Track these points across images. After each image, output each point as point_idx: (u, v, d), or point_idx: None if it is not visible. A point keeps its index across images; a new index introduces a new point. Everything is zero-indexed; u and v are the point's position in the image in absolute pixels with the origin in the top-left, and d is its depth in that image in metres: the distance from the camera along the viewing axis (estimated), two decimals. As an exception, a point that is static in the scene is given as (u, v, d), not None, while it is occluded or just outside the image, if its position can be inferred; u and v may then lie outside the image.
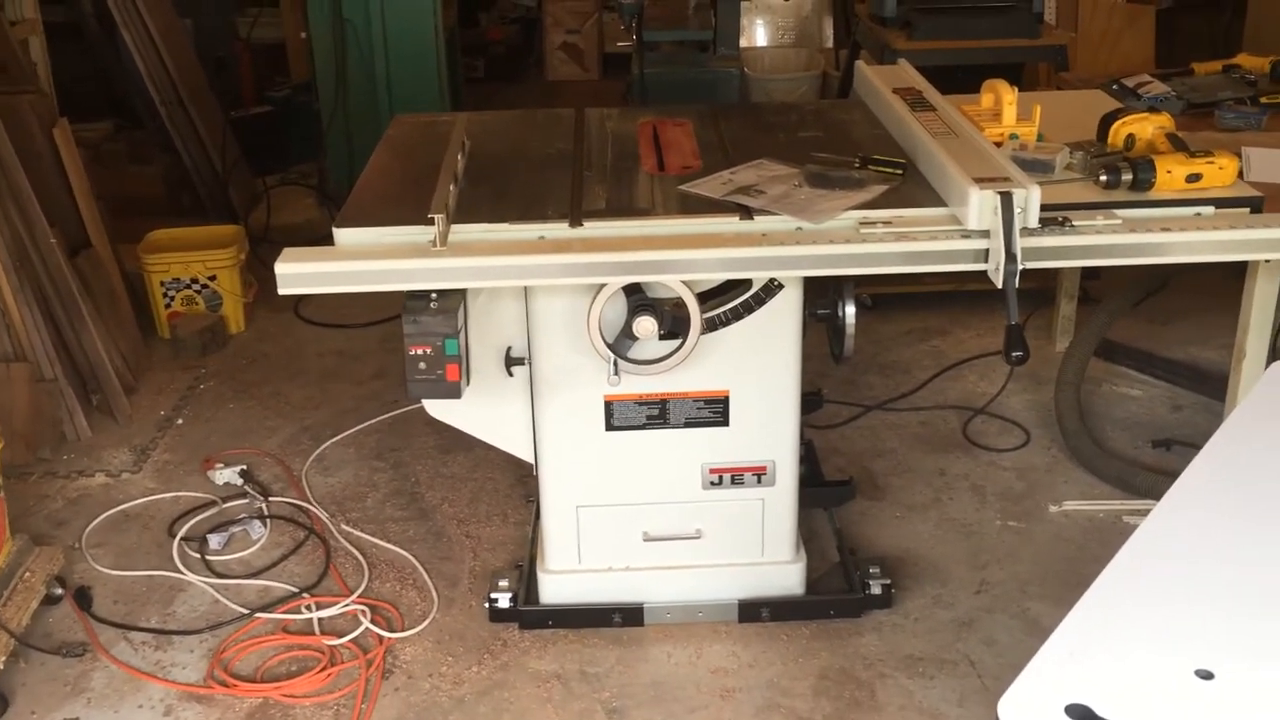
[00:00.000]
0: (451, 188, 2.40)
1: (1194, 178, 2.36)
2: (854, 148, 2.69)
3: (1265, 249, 2.28)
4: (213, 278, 4.34)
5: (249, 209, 5.40)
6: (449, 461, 3.56)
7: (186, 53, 5.50)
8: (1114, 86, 3.57)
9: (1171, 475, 3.41)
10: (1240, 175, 2.46)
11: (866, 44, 4.67)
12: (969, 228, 2.25)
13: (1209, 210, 2.36)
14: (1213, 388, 3.82)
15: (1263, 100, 3.38)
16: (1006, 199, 2.19)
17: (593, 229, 2.34)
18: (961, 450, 3.58)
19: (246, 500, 3.38)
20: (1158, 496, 3.24)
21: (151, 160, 5.64)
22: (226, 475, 3.46)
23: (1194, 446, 3.56)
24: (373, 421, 3.80)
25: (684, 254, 2.26)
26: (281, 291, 2.28)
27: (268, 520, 3.29)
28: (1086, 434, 3.49)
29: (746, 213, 2.37)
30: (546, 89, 7.80)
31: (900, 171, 2.51)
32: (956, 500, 3.33)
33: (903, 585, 2.92)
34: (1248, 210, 2.36)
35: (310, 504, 3.37)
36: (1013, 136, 2.63)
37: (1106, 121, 2.58)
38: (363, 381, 4.07)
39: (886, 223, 2.32)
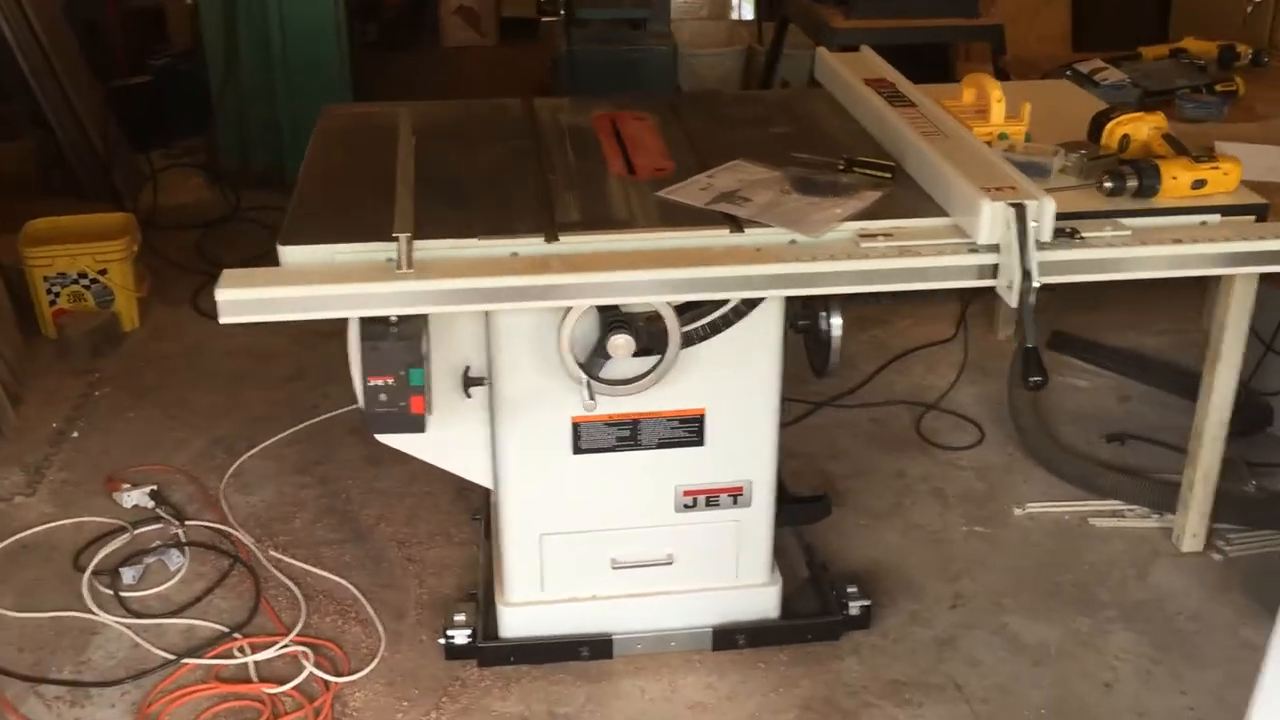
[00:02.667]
0: (411, 198, 2.15)
1: (1199, 184, 2.26)
2: (832, 146, 2.52)
3: (1276, 261, 2.18)
4: (103, 271, 3.97)
5: (134, 190, 4.99)
6: (380, 474, 3.31)
7: (55, 16, 5.04)
8: (1067, 73, 3.47)
9: (1132, 474, 3.42)
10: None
11: (797, 20, 4.51)
12: (979, 242, 2.10)
13: (1214, 218, 2.25)
14: (1159, 378, 3.79)
15: (1218, 89, 3.32)
16: (1020, 212, 2.05)
17: (570, 244, 2.12)
18: (917, 449, 3.47)
19: (160, 525, 3.08)
20: (1122, 497, 3.23)
21: (19, 136, 5.19)
22: (135, 497, 3.15)
23: (1147, 440, 3.56)
24: (291, 431, 3.52)
25: (676, 273, 2.06)
26: (223, 322, 2.01)
27: (186, 548, 3.00)
28: (1045, 432, 3.41)
29: (735, 224, 2.18)
30: (443, 56, 7.46)
31: (890, 175, 2.35)
32: (919, 505, 3.22)
33: (877, 601, 2.80)
34: (1253, 218, 2.26)
35: (232, 528, 3.09)
36: (1001, 136, 2.49)
37: (1099, 121, 2.45)
38: (275, 384, 3.77)
39: (887, 235, 2.16)
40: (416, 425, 2.15)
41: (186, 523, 3.09)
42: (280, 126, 5.12)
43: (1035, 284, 2.05)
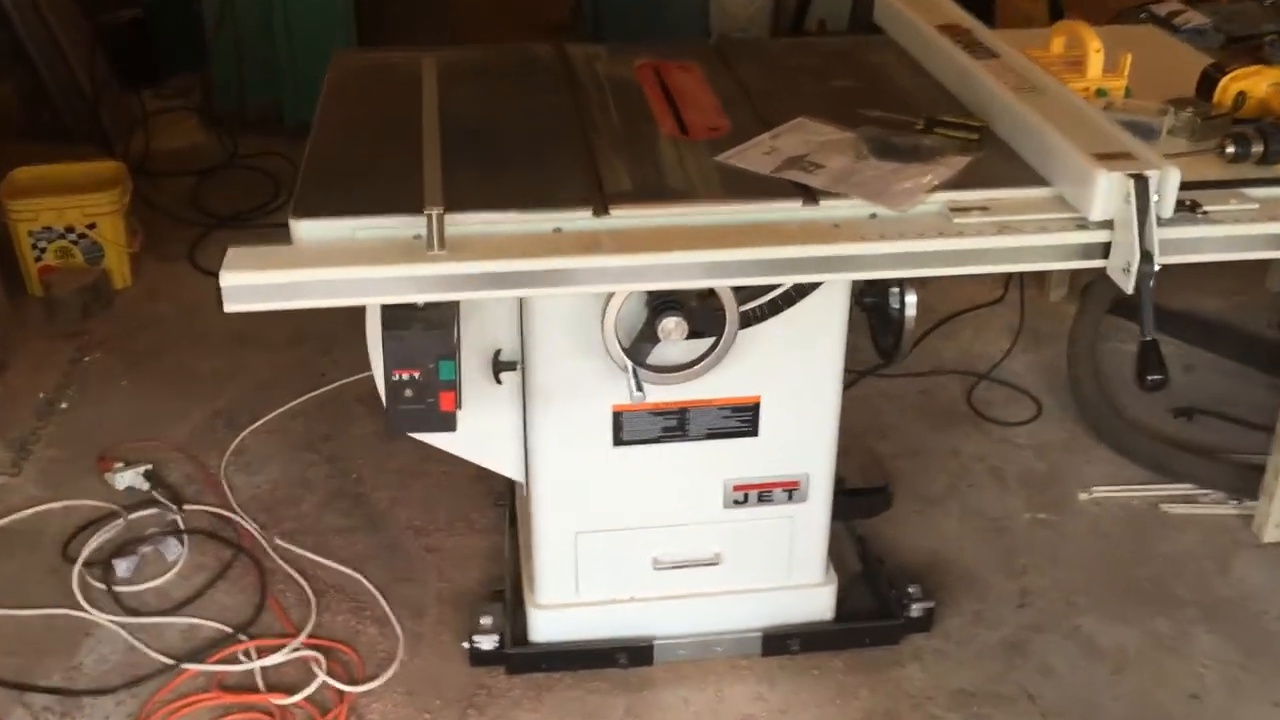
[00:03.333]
0: (439, 166, 1.87)
1: (1332, 150, 1.98)
2: (906, 102, 2.24)
3: None
4: (92, 226, 3.69)
5: (124, 134, 4.68)
6: (394, 452, 3.06)
7: (37, -54, 4.70)
8: (1141, 15, 3.18)
9: (1203, 453, 3.19)
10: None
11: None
12: (1090, 218, 1.83)
13: (1348, 189, 1.98)
14: (1223, 345, 3.54)
15: (1310, 34, 3.03)
16: (1141, 184, 1.78)
17: (622, 218, 1.85)
18: (970, 425, 3.23)
19: (156, 510, 2.84)
20: (1197, 481, 2.98)
21: (2, 74, 4.86)
22: (128, 478, 2.90)
23: (1215, 415, 3.31)
24: (298, 401, 3.27)
25: (745, 253, 1.79)
26: (229, 310, 1.75)
27: (184, 536, 2.76)
28: (1110, 407, 3.17)
29: (808, 195, 1.91)
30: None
31: (978, 137, 2.08)
32: (977, 488, 2.98)
33: (937, 599, 2.57)
34: (1390, 189, 1.99)
35: (234, 513, 2.85)
36: (1100, 92, 2.21)
37: (1211, 76, 2.17)
38: (280, 348, 3.50)
39: (982, 208, 1.89)
40: (446, 424, 1.89)
41: (185, 507, 2.85)
42: (279, 64, 4.79)
43: (1156, 266, 1.79)
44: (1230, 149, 1.99)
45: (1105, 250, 1.85)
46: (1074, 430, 3.20)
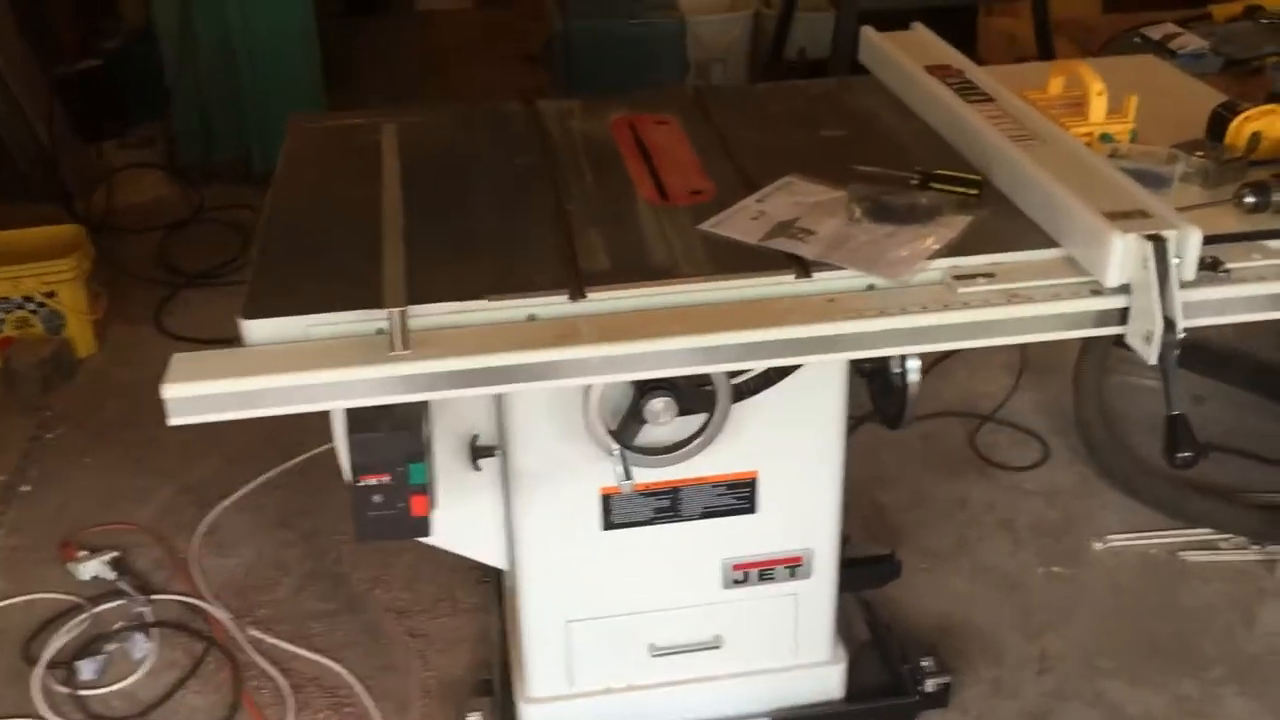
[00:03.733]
0: (401, 253, 1.73)
1: (1356, 196, 1.86)
2: (898, 153, 2.11)
3: None
4: (51, 294, 3.54)
5: (86, 189, 4.53)
6: (374, 526, 2.91)
7: (-11, -6, 4.56)
8: (1136, 39, 3.06)
9: (1220, 494, 3.05)
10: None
11: (811, -21, 4.07)
12: (1106, 284, 1.70)
13: (1375, 237, 1.86)
14: (1233, 374, 3.42)
15: (1311, 55, 2.91)
16: (1160, 248, 1.64)
17: (600, 301, 1.71)
18: (976, 471, 3.10)
19: (123, 601, 2.69)
20: (1215, 525, 2.85)
21: (-44, 130, 4.71)
22: (93, 567, 2.76)
23: (1228, 451, 3.19)
24: (272, 474, 3.12)
25: (736, 337, 1.66)
26: (173, 424, 1.61)
27: (152, 630, 2.61)
28: (1120, 449, 3.04)
29: (800, 265, 1.77)
30: (416, 21, 6.94)
31: (977, 193, 1.94)
32: (987, 541, 2.85)
33: (951, 666, 2.43)
34: None
35: (205, 601, 2.70)
36: (1104, 138, 2.08)
37: (1222, 116, 2.04)
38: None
39: (988, 275, 1.75)
40: (419, 530, 1.75)
41: (153, 596, 2.70)
42: (244, 111, 4.66)
43: (1180, 334, 1.66)
44: (1249, 199, 1.86)
45: (1123, 316, 1.72)
46: (1084, 473, 3.07)
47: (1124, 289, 1.70)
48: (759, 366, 1.87)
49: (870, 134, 2.25)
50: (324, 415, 1.78)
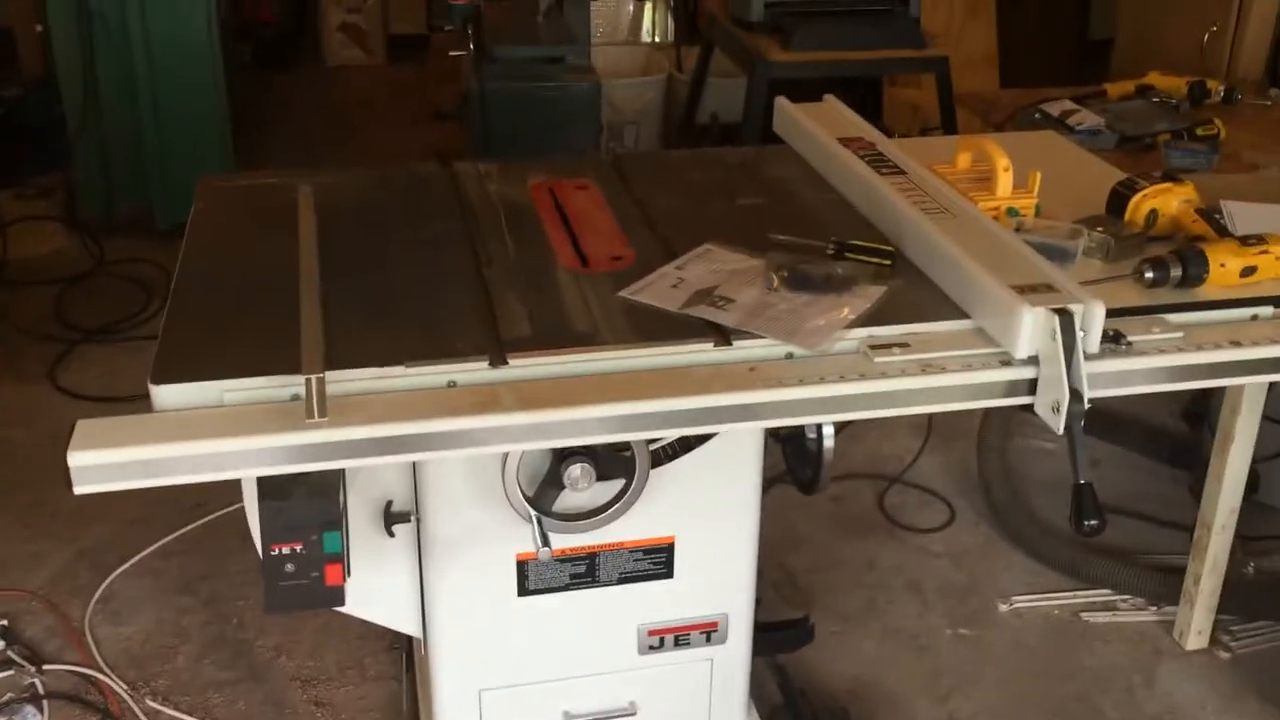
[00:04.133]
0: (319, 321, 1.71)
1: (1249, 271, 1.94)
2: (814, 223, 2.15)
3: (1348, 365, 1.88)
4: (-61, 350, 3.41)
5: (-21, 242, 4.40)
6: (279, 591, 2.83)
7: (-117, 44, 4.43)
8: (1035, 114, 3.18)
9: (1118, 555, 3.13)
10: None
11: (724, 47, 4.15)
12: (1016, 356, 1.75)
13: (1266, 311, 1.94)
14: (1127, 439, 3.53)
15: (1199, 133, 3.05)
16: (1066, 320, 1.70)
17: (521, 367, 1.70)
18: (884, 533, 3.14)
19: (12, 672, 2.58)
20: (1115, 587, 2.93)
21: None
22: (-19, 636, 2.64)
23: (1125, 514, 3.28)
24: (171, 537, 3.04)
25: (658, 404, 1.66)
26: (79, 492, 1.55)
27: (44, 702, 2.50)
28: (1023, 512, 3.11)
29: (720, 334, 1.79)
30: (326, 76, 6.92)
31: (890, 263, 1.99)
32: (896, 603, 2.88)
33: (863, 731, 2.45)
34: (1307, 310, 1.96)
35: (100, 671, 2.60)
36: (1011, 212, 2.15)
37: (1121, 193, 2.13)
38: (151, 477, 3.25)
39: (902, 344, 1.79)
40: (333, 599, 1.71)
41: (45, 667, 2.60)
42: (147, 164, 4.57)
43: (1086, 404, 1.71)
44: (1149, 274, 1.93)
45: (1032, 386, 1.77)
46: (989, 534, 3.14)
47: (1033, 360, 1.75)
48: (678, 434, 1.87)
49: (786, 203, 2.29)
50: (226, 483, 1.74)
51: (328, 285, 1.84)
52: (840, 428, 3.51)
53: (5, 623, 2.68)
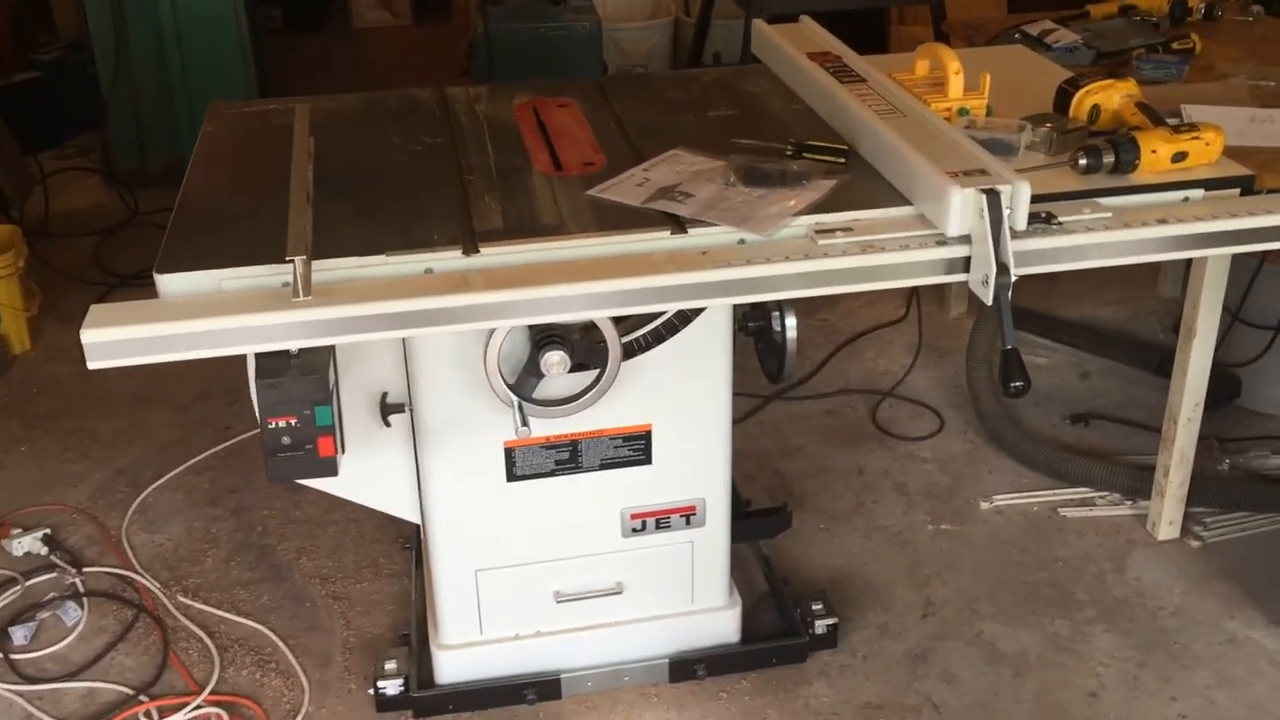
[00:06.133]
0: (307, 211, 1.88)
1: (1180, 156, 2.06)
2: (778, 129, 2.29)
3: (1270, 238, 1.99)
4: (-14, 291, 3.64)
5: (23, 195, 4.62)
6: (300, 502, 3.04)
7: (-72, 10, 4.66)
8: (1016, 36, 3.27)
9: (1098, 456, 3.25)
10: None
11: (725, -13, 4.26)
12: (948, 234, 1.88)
13: (1197, 194, 2.06)
14: (1117, 351, 3.64)
15: (1174, 47, 3.14)
16: (994, 199, 1.83)
17: (492, 255, 1.87)
18: (875, 442, 3.28)
19: (55, 574, 2.79)
20: (1093, 484, 3.05)
21: (-108, 141, 4.79)
22: (26, 543, 2.86)
23: (1111, 419, 3.39)
24: (202, 456, 3.24)
25: (614, 284, 1.82)
26: (92, 367, 1.73)
27: (84, 599, 2.72)
28: (1006, 417, 3.23)
29: (677, 224, 1.94)
30: (354, 39, 7.09)
31: (844, 160, 2.13)
32: (881, 503, 3.03)
33: (843, 614, 2.60)
34: (1238, 192, 2.07)
35: (135, 572, 2.81)
36: (962, 112, 2.28)
37: (1065, 90, 2.24)
38: (184, 404, 3.47)
39: (846, 229, 1.93)
40: (327, 469, 1.89)
41: (84, 570, 2.80)
42: (178, 121, 4.78)
43: (1012, 278, 1.84)
44: (1083, 161, 2.05)
45: (966, 264, 1.90)
46: (976, 441, 3.26)
47: (965, 239, 1.89)
48: (638, 311, 2.01)
49: (755, 114, 2.43)
50: (251, 403, 1.89)
51: (319, 190, 2.02)
52: (837, 348, 3.65)
53: (48, 531, 2.90)
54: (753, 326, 2.37)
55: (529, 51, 3.64)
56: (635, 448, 2.29)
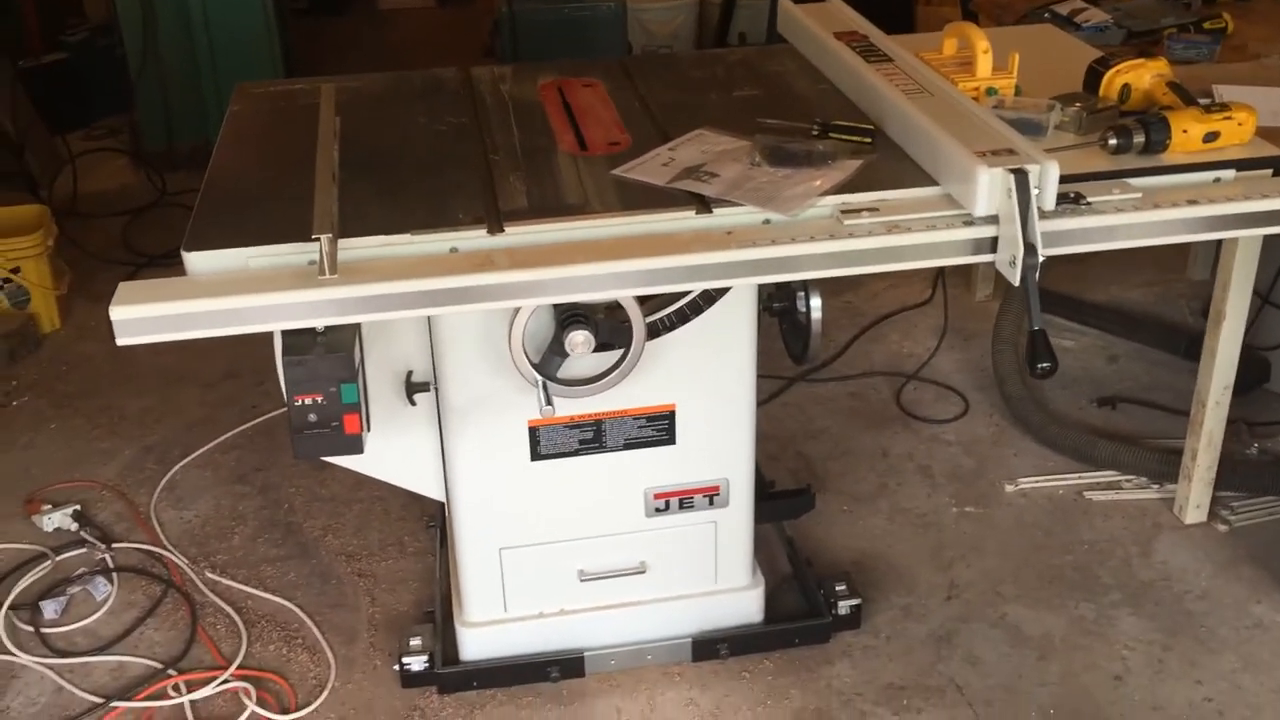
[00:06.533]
0: (333, 191, 1.89)
1: (1211, 136, 2.04)
2: (804, 109, 2.28)
3: (1302, 220, 1.97)
4: (16, 270, 3.67)
5: (51, 176, 4.66)
6: (326, 480, 3.06)
7: (-43, -9, 4.69)
8: (1045, 15, 3.25)
9: (1126, 441, 3.24)
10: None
11: (751, -33, 4.24)
12: (975, 214, 1.87)
13: (1229, 175, 2.04)
14: (1145, 334, 3.61)
15: (1206, 27, 3.11)
16: (1021, 179, 1.82)
17: (517, 235, 1.87)
18: (899, 424, 3.27)
19: (85, 550, 2.82)
20: (1119, 467, 3.03)
21: (-76, 121, 4.84)
22: (56, 519, 2.89)
23: (1138, 403, 3.37)
24: (230, 434, 3.26)
25: (638, 264, 1.82)
26: (121, 343, 1.75)
27: (113, 575, 2.75)
28: (1033, 400, 3.22)
29: (702, 204, 1.94)
30: (379, 20, 7.10)
31: (870, 140, 2.11)
32: (905, 486, 3.02)
33: (866, 595, 2.60)
34: (1270, 173, 2.05)
35: (164, 548, 2.83)
36: (990, 91, 2.26)
37: (1096, 69, 2.23)
38: (212, 383, 3.50)
39: (872, 209, 1.92)
40: (352, 446, 1.90)
41: (114, 545, 2.83)
42: (205, 103, 4.80)
43: (1040, 258, 1.83)
44: (1113, 141, 2.04)
45: (993, 245, 1.89)
46: (1001, 424, 3.25)
47: (993, 220, 1.88)
48: (662, 290, 2.00)
49: (781, 93, 2.42)
50: (278, 382, 1.91)
51: (344, 170, 2.02)
52: (861, 331, 3.64)
53: (78, 507, 2.93)
54: (777, 307, 2.37)
55: (553, 32, 3.64)
56: (659, 428, 2.29)
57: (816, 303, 2.27)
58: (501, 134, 2.23)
